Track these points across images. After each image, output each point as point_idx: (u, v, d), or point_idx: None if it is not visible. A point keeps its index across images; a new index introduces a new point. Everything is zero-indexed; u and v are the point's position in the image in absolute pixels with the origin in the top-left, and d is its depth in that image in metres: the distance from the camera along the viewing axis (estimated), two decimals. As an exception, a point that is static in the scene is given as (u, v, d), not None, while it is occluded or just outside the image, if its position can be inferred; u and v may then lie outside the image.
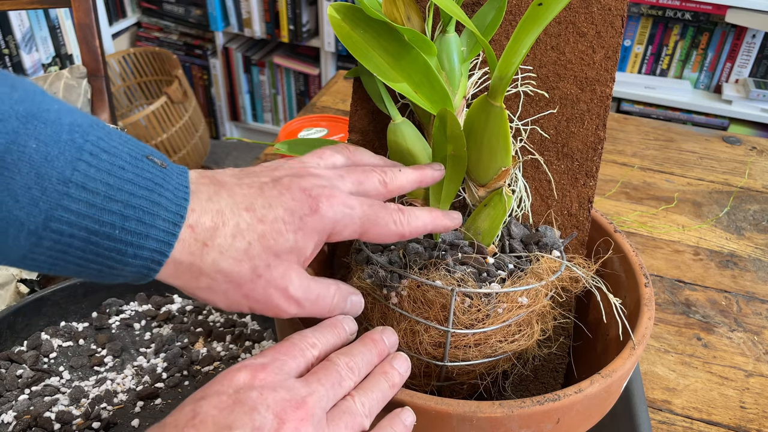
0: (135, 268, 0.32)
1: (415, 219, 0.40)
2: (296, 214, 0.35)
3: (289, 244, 0.35)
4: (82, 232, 0.30)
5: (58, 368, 0.60)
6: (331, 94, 1.15)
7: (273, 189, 0.36)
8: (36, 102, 0.29)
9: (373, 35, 0.43)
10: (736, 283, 0.78)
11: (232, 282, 0.34)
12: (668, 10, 1.85)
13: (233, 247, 0.33)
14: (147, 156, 0.32)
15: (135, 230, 0.31)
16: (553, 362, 0.52)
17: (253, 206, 0.34)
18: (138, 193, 0.31)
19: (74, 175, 0.29)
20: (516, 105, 0.50)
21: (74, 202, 0.29)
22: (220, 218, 0.33)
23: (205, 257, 0.33)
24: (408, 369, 0.39)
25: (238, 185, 0.35)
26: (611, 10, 0.47)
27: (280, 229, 0.35)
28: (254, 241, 0.34)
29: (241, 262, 0.34)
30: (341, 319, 0.40)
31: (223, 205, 0.34)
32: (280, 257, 0.35)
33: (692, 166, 1.00)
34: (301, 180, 0.36)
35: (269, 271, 0.35)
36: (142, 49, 2.27)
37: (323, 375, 0.34)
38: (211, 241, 0.33)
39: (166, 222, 0.32)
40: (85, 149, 0.30)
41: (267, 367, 0.33)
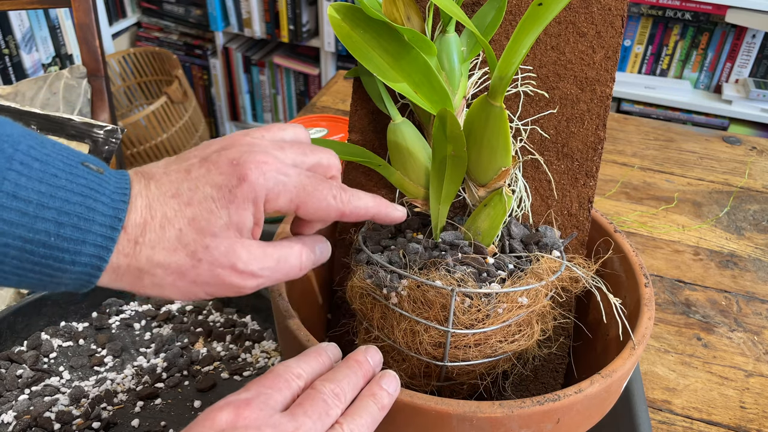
0: (74, 275, 0.32)
1: (357, 199, 0.38)
2: (224, 188, 0.34)
3: (223, 221, 0.33)
4: (16, 241, 0.29)
5: (58, 368, 0.60)
6: (331, 94, 1.15)
7: (200, 168, 0.34)
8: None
9: (373, 35, 0.43)
10: (736, 283, 0.78)
11: (174, 273, 0.33)
12: (668, 10, 1.85)
13: (164, 238, 0.33)
14: (82, 162, 0.32)
15: (71, 237, 0.30)
16: (553, 362, 0.52)
17: (179, 191, 0.33)
18: (72, 200, 0.31)
19: (4, 185, 0.29)
20: (516, 105, 0.50)
21: (5, 212, 0.29)
22: (149, 212, 0.33)
23: (139, 256, 0.32)
24: (397, 388, 0.38)
25: (165, 173, 0.34)
26: (611, 10, 0.47)
27: (210, 207, 0.33)
28: (185, 226, 0.33)
29: (175, 251, 0.33)
30: (325, 347, 0.39)
31: (152, 197, 0.33)
32: (218, 236, 0.33)
33: (692, 166, 1.00)
34: (228, 151, 0.35)
35: (209, 253, 0.33)
36: (142, 49, 2.27)
37: (309, 406, 0.33)
38: (142, 238, 0.32)
39: (103, 227, 0.31)
40: (15, 159, 0.29)
41: (251, 402, 0.33)
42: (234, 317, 0.66)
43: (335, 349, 0.40)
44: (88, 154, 0.33)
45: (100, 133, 0.72)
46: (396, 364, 0.46)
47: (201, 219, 0.33)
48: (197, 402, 0.57)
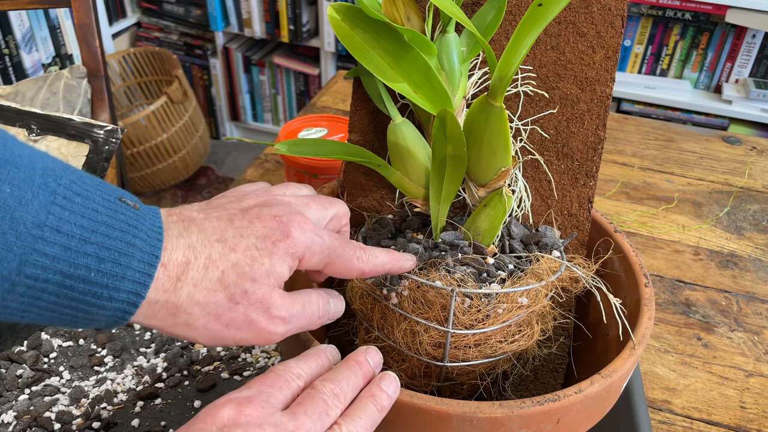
0: (110, 311, 0.32)
1: (374, 257, 0.40)
2: (269, 239, 0.35)
3: (265, 269, 0.35)
4: (56, 276, 0.29)
5: (58, 368, 0.60)
6: (331, 94, 1.15)
7: (243, 219, 0.36)
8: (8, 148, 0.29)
9: (373, 35, 0.43)
10: (736, 283, 0.78)
11: (210, 314, 0.34)
12: (668, 10, 1.85)
13: (206, 278, 0.33)
14: (120, 198, 0.32)
15: (111, 272, 0.31)
16: (553, 362, 0.52)
17: (224, 237, 0.35)
18: (113, 235, 0.31)
19: (49, 219, 0.29)
20: (516, 105, 0.50)
21: (49, 246, 0.29)
22: (192, 252, 0.33)
23: (179, 292, 0.33)
24: (397, 389, 0.38)
25: (207, 219, 0.35)
26: (611, 10, 0.47)
27: (253, 255, 0.35)
28: (228, 269, 0.34)
29: (215, 292, 0.34)
30: (324, 348, 0.39)
31: (194, 239, 0.34)
32: (257, 281, 0.35)
33: (692, 166, 1.00)
34: (270, 208, 0.37)
35: (247, 297, 0.34)
36: (142, 49, 2.27)
37: (309, 406, 0.34)
38: (184, 276, 0.33)
39: (142, 263, 0.31)
40: (59, 193, 0.30)
41: (252, 400, 0.33)
42: (234, 317, 0.66)
43: (334, 351, 0.40)
44: (123, 190, 0.33)
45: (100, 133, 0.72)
46: (396, 365, 0.46)
47: (244, 264, 0.34)
48: (197, 402, 0.57)
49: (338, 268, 0.39)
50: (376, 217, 0.51)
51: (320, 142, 0.51)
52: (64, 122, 0.72)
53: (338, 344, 0.51)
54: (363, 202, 0.53)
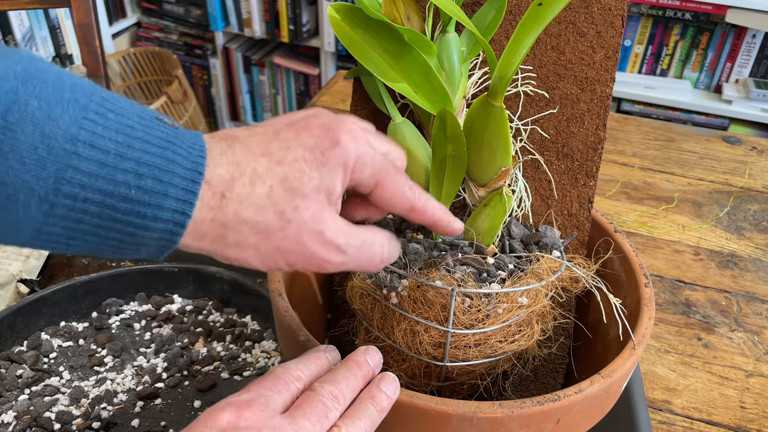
0: (156, 233, 0.30)
1: (427, 199, 0.37)
2: (317, 149, 0.33)
3: (315, 183, 0.33)
4: (96, 195, 0.28)
5: (58, 368, 0.60)
6: (331, 94, 1.15)
7: (289, 131, 0.34)
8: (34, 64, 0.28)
9: (373, 35, 0.43)
10: (737, 283, 0.78)
11: (259, 233, 0.32)
12: (668, 10, 1.85)
13: (254, 194, 0.31)
14: (156, 117, 0.31)
15: (152, 189, 0.29)
16: (553, 362, 0.52)
17: (269, 151, 0.32)
18: (150, 150, 0.29)
19: (81, 134, 0.28)
20: (516, 105, 0.50)
21: (84, 162, 0.28)
22: (237, 168, 0.31)
23: (225, 209, 0.31)
24: (396, 390, 0.38)
25: (251, 135, 0.33)
26: (611, 9, 0.47)
27: (302, 168, 0.32)
28: (275, 184, 0.32)
29: (264, 209, 0.32)
30: (323, 349, 0.39)
31: (238, 155, 0.32)
32: (308, 197, 0.32)
33: (692, 166, 1.00)
34: (318, 118, 0.34)
35: (298, 214, 0.32)
36: (142, 49, 2.27)
37: (308, 408, 0.33)
38: (229, 192, 0.31)
39: (184, 179, 0.30)
40: (90, 108, 0.28)
41: (252, 404, 0.33)
42: (234, 317, 0.66)
43: (334, 352, 0.40)
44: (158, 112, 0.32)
45: (100, 133, 0.72)
46: (396, 364, 0.46)
47: (293, 178, 0.32)
48: (197, 402, 0.57)
49: (388, 191, 0.36)
50: (376, 217, 0.51)
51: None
52: (64, 122, 0.72)
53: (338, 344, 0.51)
54: (363, 202, 0.53)
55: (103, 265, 0.74)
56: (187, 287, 0.69)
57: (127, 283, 0.68)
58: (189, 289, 0.69)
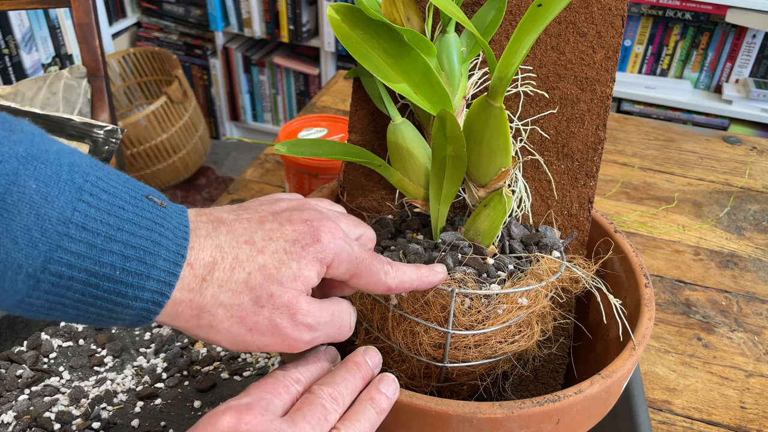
0: (135, 310, 0.31)
1: (402, 274, 0.39)
2: (298, 243, 0.35)
3: (293, 272, 0.34)
4: (81, 274, 0.29)
5: (58, 368, 0.60)
6: (331, 94, 1.15)
7: (273, 222, 0.35)
8: (35, 143, 0.29)
9: (373, 35, 0.43)
10: (737, 283, 0.78)
11: (233, 316, 0.33)
12: (668, 10, 1.85)
13: (232, 279, 0.33)
14: (147, 196, 0.32)
15: (136, 271, 0.30)
16: (553, 363, 0.51)
17: (252, 239, 0.34)
18: (139, 233, 0.30)
19: (74, 216, 0.29)
20: (516, 105, 0.50)
21: (74, 243, 0.29)
22: (219, 253, 0.33)
23: (204, 292, 0.32)
24: (396, 391, 0.38)
25: (237, 221, 0.35)
26: (611, 10, 0.47)
27: (281, 258, 0.34)
28: (254, 271, 0.33)
29: (240, 294, 0.33)
30: (323, 351, 0.39)
31: (222, 240, 0.33)
32: (284, 285, 0.34)
33: (692, 166, 1.00)
34: (302, 212, 0.36)
35: (272, 300, 0.34)
36: (142, 49, 2.27)
37: (308, 411, 0.34)
38: (209, 276, 0.32)
39: (167, 262, 0.31)
40: (85, 189, 0.29)
41: (252, 407, 0.33)
42: (234, 317, 0.66)
43: (333, 353, 0.40)
44: (150, 187, 0.33)
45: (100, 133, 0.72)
46: (396, 365, 0.46)
47: (271, 267, 0.34)
48: (197, 402, 0.57)
49: (364, 280, 0.38)
50: (376, 218, 0.51)
51: (320, 143, 0.51)
52: (63, 122, 0.72)
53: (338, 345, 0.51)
54: (363, 202, 0.53)
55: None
56: (187, 287, 0.69)
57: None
58: (189, 289, 0.69)
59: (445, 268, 0.42)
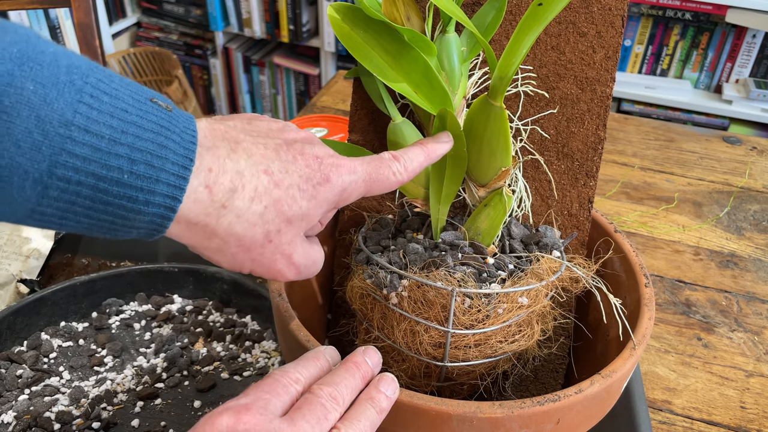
0: (148, 216, 0.31)
1: (410, 162, 0.40)
2: (310, 181, 0.35)
3: (302, 211, 0.35)
4: (89, 179, 0.29)
5: (58, 368, 0.60)
6: (331, 94, 1.15)
7: (288, 153, 0.35)
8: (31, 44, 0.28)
9: (373, 35, 0.43)
10: (737, 283, 0.78)
11: (242, 245, 0.34)
12: (668, 10, 1.85)
13: (250, 211, 0.33)
14: (151, 99, 0.31)
15: (144, 174, 0.30)
16: (553, 362, 0.51)
17: (270, 169, 0.34)
18: (144, 136, 0.30)
19: (76, 118, 0.28)
20: (516, 105, 0.50)
21: (78, 146, 0.28)
22: (240, 180, 0.33)
23: (221, 219, 0.33)
24: (396, 390, 0.38)
25: (254, 144, 0.34)
26: (611, 9, 0.47)
27: (294, 195, 0.34)
28: (270, 205, 0.34)
29: (255, 226, 0.34)
30: (323, 350, 0.39)
31: (243, 166, 0.33)
32: (292, 223, 0.35)
33: (692, 166, 1.00)
34: (313, 147, 0.36)
35: (279, 237, 0.35)
36: (142, 49, 2.27)
37: (307, 411, 0.34)
38: (229, 203, 0.32)
39: (176, 165, 0.31)
40: (85, 91, 0.29)
41: (251, 407, 0.33)
42: (234, 317, 0.66)
43: (333, 352, 0.40)
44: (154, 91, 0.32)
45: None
46: (396, 365, 0.46)
47: (284, 203, 0.34)
48: (197, 402, 0.57)
49: (377, 190, 0.39)
50: (376, 217, 0.51)
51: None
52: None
53: (338, 344, 0.51)
54: (363, 202, 0.53)
55: (103, 265, 0.74)
56: (187, 287, 0.69)
57: (127, 283, 0.68)
58: (189, 289, 0.69)
59: (449, 135, 0.43)
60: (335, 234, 0.55)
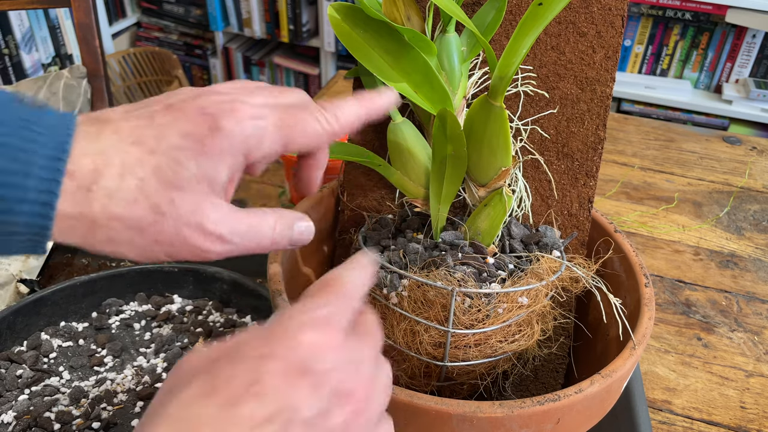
0: (24, 217, 0.28)
1: (342, 112, 0.35)
2: (193, 137, 0.31)
3: (192, 173, 0.30)
4: None
5: (58, 368, 0.60)
6: (331, 94, 1.15)
7: (165, 116, 0.31)
8: None
9: (373, 35, 0.43)
10: (737, 283, 0.78)
11: (132, 228, 0.30)
12: (668, 10, 1.85)
13: (122, 188, 0.29)
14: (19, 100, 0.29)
15: (10, 169, 0.28)
16: (553, 362, 0.52)
17: (141, 139, 0.30)
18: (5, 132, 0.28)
19: None
20: (516, 105, 0.50)
21: None
22: (102, 159, 0.29)
23: (93, 204, 0.29)
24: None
25: (125, 119, 0.31)
26: (611, 9, 0.47)
27: (177, 157, 0.30)
28: (147, 176, 0.30)
29: (135, 203, 0.30)
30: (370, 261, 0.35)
31: (106, 144, 0.30)
32: (184, 189, 0.30)
33: (692, 166, 1.00)
34: (197, 99, 0.32)
35: (174, 207, 0.30)
36: (142, 49, 2.27)
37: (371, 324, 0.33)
38: (95, 185, 0.29)
39: (46, 158, 0.28)
40: None
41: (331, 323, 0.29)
42: (234, 317, 0.66)
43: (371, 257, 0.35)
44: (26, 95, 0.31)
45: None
46: (396, 364, 0.46)
47: (167, 169, 0.30)
48: (197, 402, 0.57)
49: (299, 142, 0.33)
50: (376, 217, 0.51)
51: (320, 142, 0.51)
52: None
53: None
54: (363, 202, 0.53)
55: (103, 265, 0.74)
56: (186, 287, 0.69)
57: (127, 283, 0.68)
58: (189, 289, 0.69)
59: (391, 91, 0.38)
60: (335, 234, 0.55)
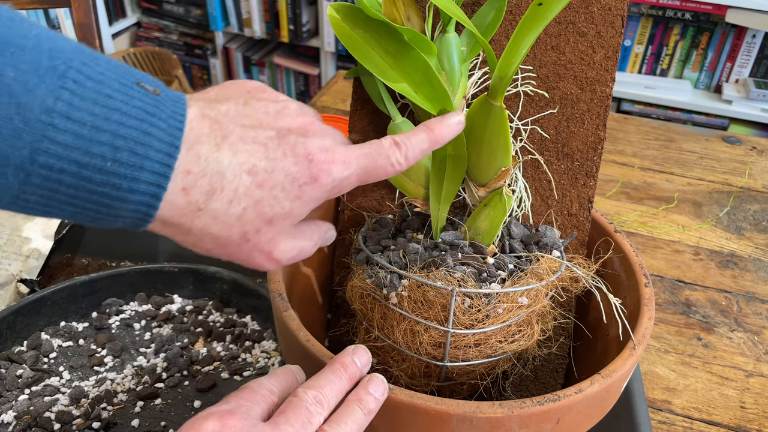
0: (132, 205, 0.30)
1: (412, 150, 0.37)
2: (296, 181, 0.34)
3: (285, 211, 0.34)
4: (72, 166, 0.28)
5: (58, 368, 0.60)
6: (331, 94, 1.15)
7: (278, 148, 0.33)
8: (12, 27, 0.27)
9: (373, 35, 0.43)
10: (737, 283, 0.78)
11: (218, 243, 0.34)
12: (668, 10, 1.85)
13: (228, 214, 0.32)
14: (138, 83, 0.30)
15: (128, 162, 0.29)
16: (553, 362, 0.52)
17: (255, 169, 0.33)
18: (128, 123, 0.29)
19: (57, 105, 0.27)
20: (516, 105, 0.50)
21: (60, 134, 0.28)
22: (220, 182, 0.32)
23: (196, 221, 0.32)
24: (385, 392, 0.38)
25: (242, 139, 0.33)
26: (611, 9, 0.47)
27: (277, 196, 0.33)
28: (249, 206, 0.33)
29: (231, 227, 0.33)
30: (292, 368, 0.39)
31: (225, 165, 0.32)
32: (273, 223, 0.34)
33: (692, 166, 1.00)
34: (306, 141, 0.34)
35: (257, 236, 0.34)
36: (142, 49, 2.27)
37: (291, 414, 0.34)
38: (205, 206, 0.32)
39: (160, 153, 0.30)
40: (68, 76, 0.28)
41: (234, 413, 0.33)
42: (234, 317, 0.66)
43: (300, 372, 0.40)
44: (144, 73, 0.31)
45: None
46: (396, 364, 0.46)
47: (266, 204, 0.33)
48: (197, 402, 0.57)
49: (374, 180, 0.37)
50: (376, 217, 0.51)
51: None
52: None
53: (338, 344, 0.51)
54: (363, 202, 0.53)
55: (103, 265, 0.74)
56: (186, 287, 0.69)
57: (127, 283, 0.68)
58: (189, 289, 0.69)
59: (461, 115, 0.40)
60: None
